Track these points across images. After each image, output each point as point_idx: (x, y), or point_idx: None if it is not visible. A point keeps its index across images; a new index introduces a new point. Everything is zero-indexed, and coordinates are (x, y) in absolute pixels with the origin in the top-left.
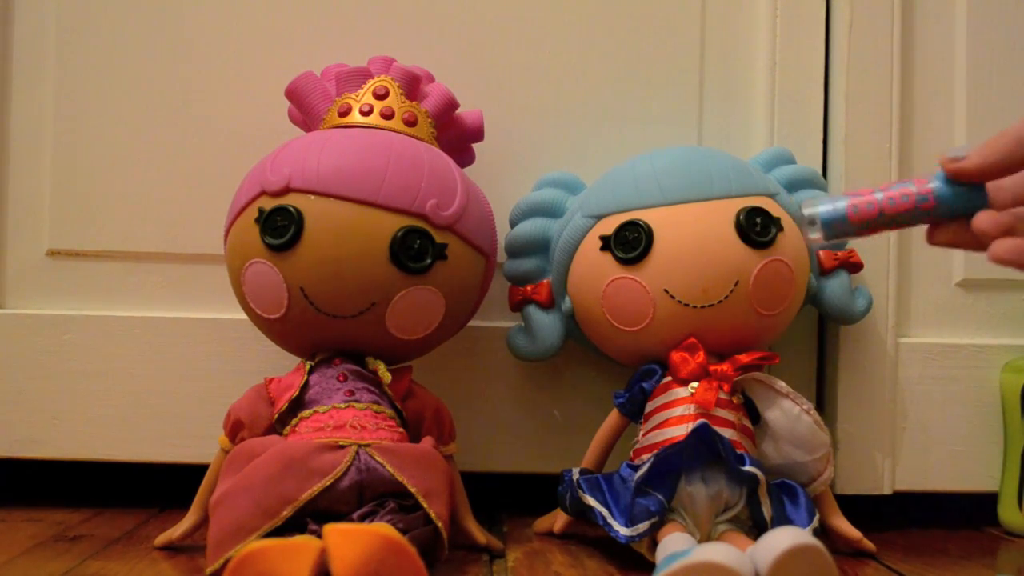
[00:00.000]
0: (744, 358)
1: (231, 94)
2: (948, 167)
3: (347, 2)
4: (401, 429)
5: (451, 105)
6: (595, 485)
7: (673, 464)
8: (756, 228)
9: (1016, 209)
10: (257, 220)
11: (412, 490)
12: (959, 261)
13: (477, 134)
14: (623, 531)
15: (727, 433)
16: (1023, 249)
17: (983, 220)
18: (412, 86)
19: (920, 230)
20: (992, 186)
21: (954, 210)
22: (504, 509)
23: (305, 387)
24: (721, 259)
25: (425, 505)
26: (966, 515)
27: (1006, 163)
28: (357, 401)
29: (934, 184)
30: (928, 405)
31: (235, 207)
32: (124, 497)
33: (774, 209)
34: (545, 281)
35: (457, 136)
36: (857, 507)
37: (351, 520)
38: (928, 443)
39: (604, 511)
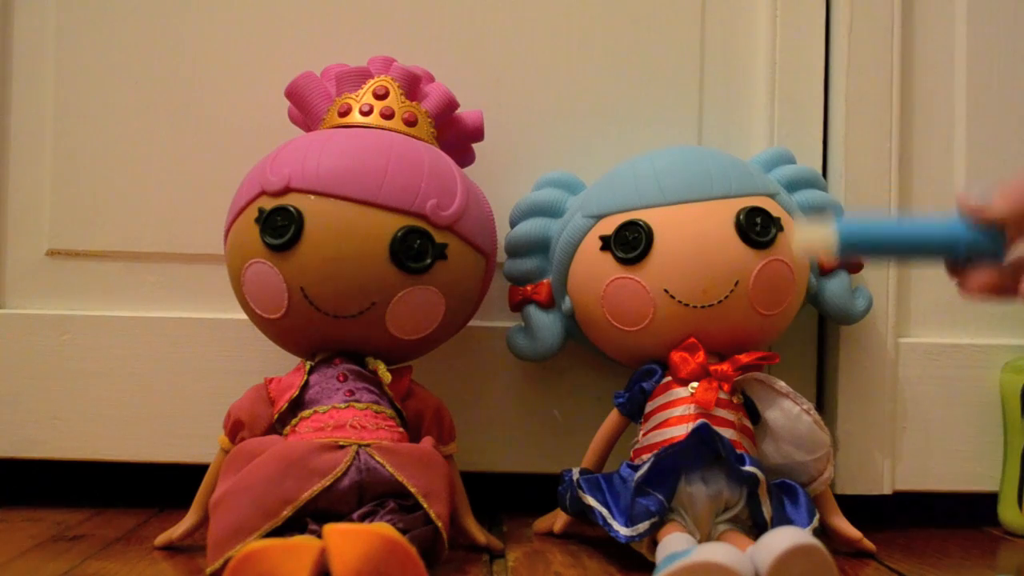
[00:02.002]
0: (744, 358)
1: (231, 94)
2: (970, 210)
3: (347, 2)
4: (401, 429)
5: (451, 105)
6: (595, 485)
7: (673, 464)
8: (756, 228)
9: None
10: (257, 220)
11: (412, 490)
12: None
13: (477, 134)
14: (623, 531)
15: (727, 433)
16: None
17: None
18: (412, 86)
19: None
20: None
21: (976, 251)
22: (504, 509)
23: (305, 387)
24: (721, 259)
25: (425, 505)
26: (966, 515)
27: (1012, 216)
28: (357, 401)
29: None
30: (928, 405)
31: (235, 207)
32: (124, 497)
33: (774, 209)
34: (545, 281)
35: (457, 136)
36: (857, 507)
37: (351, 520)
38: (928, 443)
39: (604, 511)
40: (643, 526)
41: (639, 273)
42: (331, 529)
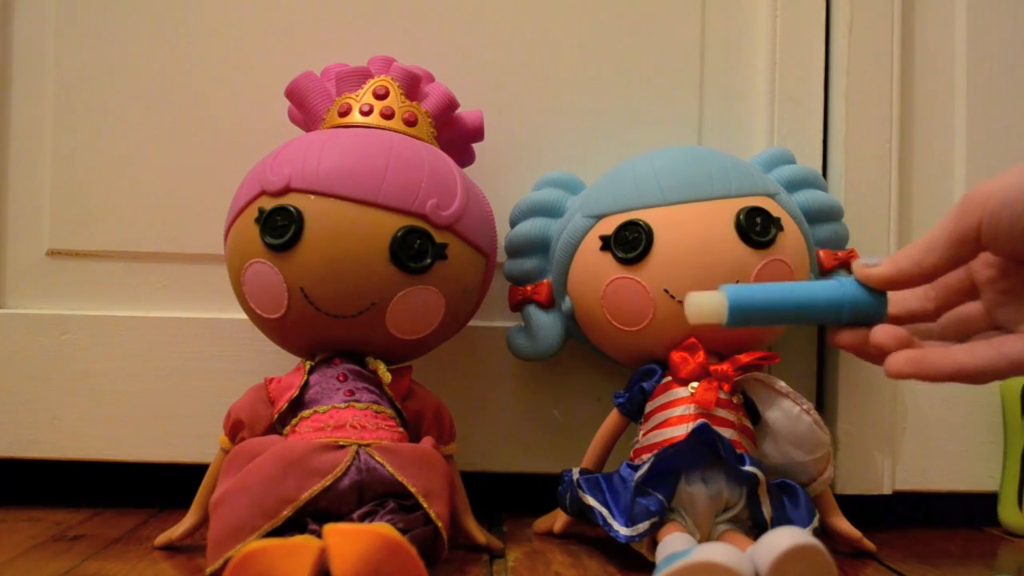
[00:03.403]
0: (744, 358)
1: (231, 94)
2: (859, 272)
3: (347, 2)
4: (401, 429)
5: (451, 105)
6: (595, 485)
7: (673, 464)
8: (756, 228)
9: (915, 325)
10: (257, 220)
11: (412, 490)
12: None
13: (477, 134)
14: (623, 531)
15: (727, 433)
16: (916, 359)
17: (881, 333)
18: (412, 86)
19: (918, 230)
20: (895, 299)
21: (858, 313)
22: (504, 509)
23: (305, 387)
24: (721, 259)
25: (425, 505)
26: (966, 515)
27: (914, 271)
28: (357, 401)
29: (847, 286)
30: (928, 405)
31: (235, 207)
32: (124, 497)
33: (774, 209)
34: (545, 281)
35: (457, 136)
36: (857, 507)
37: (351, 520)
38: (928, 443)
39: (604, 511)
40: (643, 526)
41: (639, 273)
42: (331, 529)
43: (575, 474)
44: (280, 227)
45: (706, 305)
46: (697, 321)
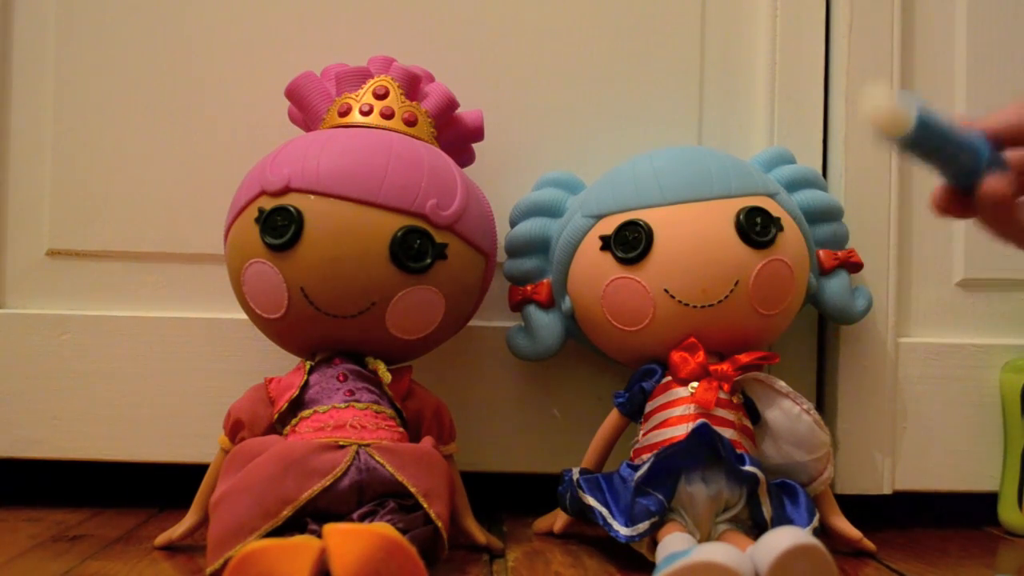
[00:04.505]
0: (744, 358)
1: (231, 94)
2: (964, 122)
3: (347, 2)
4: (401, 429)
5: (451, 105)
6: (595, 485)
7: (673, 464)
8: (756, 228)
9: None
10: (257, 220)
11: (412, 490)
12: (959, 261)
13: (477, 134)
14: (623, 531)
15: (727, 433)
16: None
17: None
18: (412, 86)
19: (918, 230)
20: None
21: (994, 160)
22: (504, 509)
23: (305, 387)
24: (721, 259)
25: (425, 505)
26: (966, 515)
27: (1015, 128)
28: (357, 401)
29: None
30: (928, 405)
31: (235, 207)
32: (124, 497)
33: (774, 209)
34: (545, 281)
35: (457, 136)
36: (857, 507)
37: (351, 520)
38: (928, 443)
39: (604, 511)
40: (643, 526)
41: (639, 273)
42: (331, 529)
43: (575, 474)
44: (280, 227)
45: (894, 111)
46: (878, 123)
